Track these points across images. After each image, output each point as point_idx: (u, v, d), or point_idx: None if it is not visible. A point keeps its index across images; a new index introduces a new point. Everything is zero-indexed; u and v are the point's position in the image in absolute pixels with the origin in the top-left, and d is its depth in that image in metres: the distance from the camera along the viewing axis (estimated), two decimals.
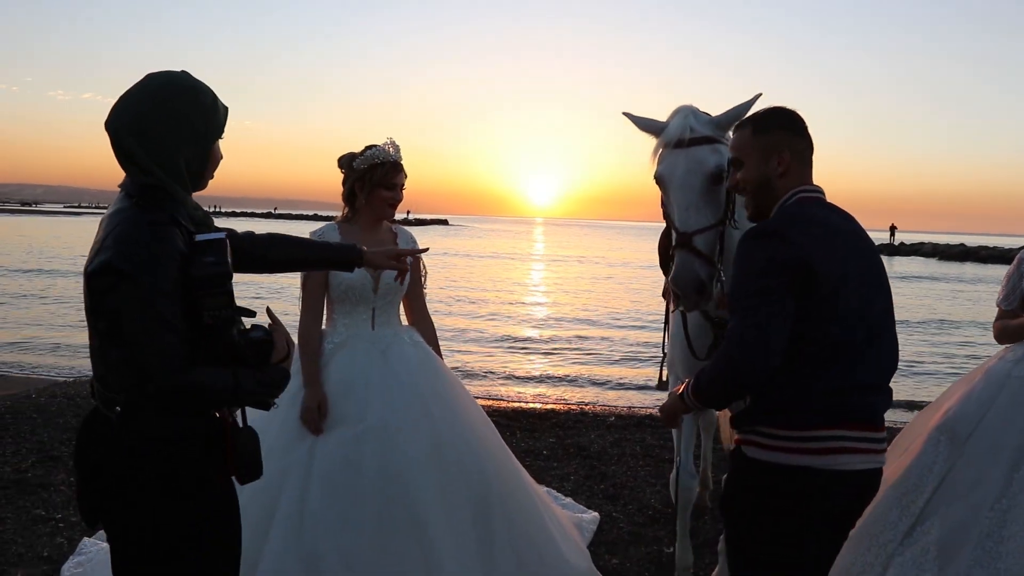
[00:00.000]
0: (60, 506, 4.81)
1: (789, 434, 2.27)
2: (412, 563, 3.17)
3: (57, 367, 11.15)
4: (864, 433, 2.30)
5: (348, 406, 3.36)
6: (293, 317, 3.03)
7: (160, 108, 2.01)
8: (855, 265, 2.29)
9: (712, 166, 2.90)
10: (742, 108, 2.96)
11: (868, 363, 2.31)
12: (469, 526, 3.32)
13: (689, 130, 2.93)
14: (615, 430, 7.12)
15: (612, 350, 14.45)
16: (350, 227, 3.58)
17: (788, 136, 2.43)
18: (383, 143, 3.55)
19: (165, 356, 1.87)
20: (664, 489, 5.53)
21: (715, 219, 2.92)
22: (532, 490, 3.83)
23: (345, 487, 3.21)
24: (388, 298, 3.59)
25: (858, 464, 2.29)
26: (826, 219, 2.35)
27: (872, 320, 2.30)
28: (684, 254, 2.84)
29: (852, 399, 2.28)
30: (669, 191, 2.97)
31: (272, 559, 3.09)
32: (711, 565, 4.11)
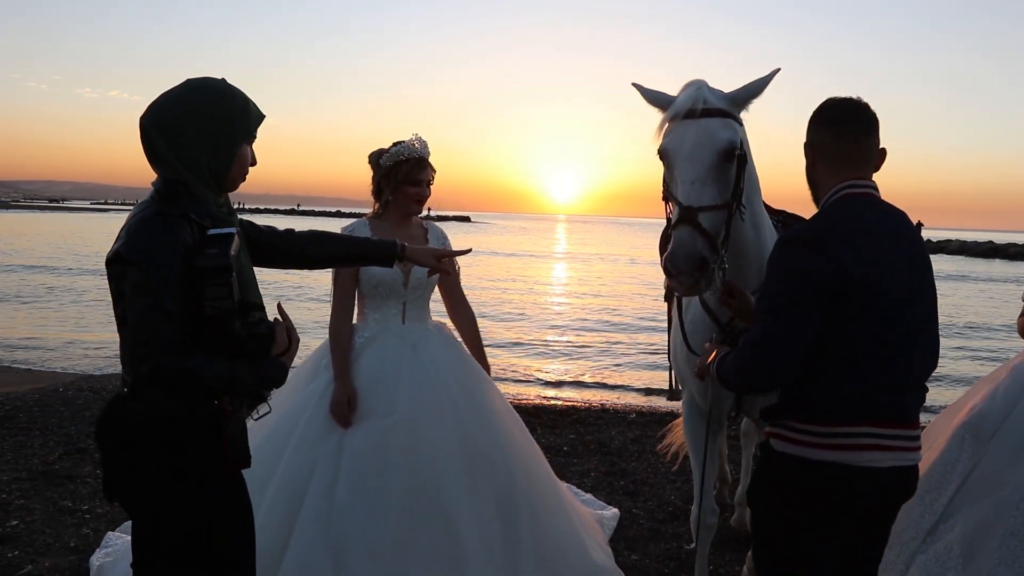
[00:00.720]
0: (87, 497, 4.88)
1: (818, 429, 2.25)
2: (438, 557, 3.18)
3: (81, 363, 11.29)
4: (894, 431, 2.26)
5: (377, 400, 3.38)
6: (317, 314, 3.05)
7: (187, 109, 2.14)
8: (893, 268, 2.23)
9: (724, 141, 2.67)
10: (759, 84, 2.81)
11: (902, 364, 2.26)
12: (495, 521, 3.33)
13: (702, 101, 2.72)
14: (636, 427, 7.11)
15: (634, 349, 14.41)
16: (380, 223, 3.60)
17: (819, 129, 2.38)
18: (409, 139, 3.56)
19: (158, 340, 1.96)
20: (685, 485, 5.52)
21: (722, 199, 2.67)
22: (558, 488, 3.82)
23: (373, 481, 3.23)
24: (418, 292, 3.60)
25: (887, 461, 2.25)
26: (866, 220, 2.27)
27: (910, 323, 2.25)
28: (686, 229, 2.57)
29: (882, 397, 2.24)
30: (675, 164, 2.71)
31: (299, 550, 3.11)
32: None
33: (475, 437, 3.43)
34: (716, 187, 2.65)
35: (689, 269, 2.53)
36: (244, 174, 2.27)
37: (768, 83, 2.80)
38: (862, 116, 2.36)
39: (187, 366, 1.99)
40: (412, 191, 3.55)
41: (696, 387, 3.37)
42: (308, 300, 18.24)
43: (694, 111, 2.70)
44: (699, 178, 2.63)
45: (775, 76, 2.80)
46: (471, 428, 3.44)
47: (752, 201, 2.91)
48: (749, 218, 2.89)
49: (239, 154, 2.22)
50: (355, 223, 3.63)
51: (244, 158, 2.24)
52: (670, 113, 2.78)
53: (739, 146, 2.70)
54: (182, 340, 1.99)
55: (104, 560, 3.86)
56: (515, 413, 3.80)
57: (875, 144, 2.38)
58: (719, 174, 2.66)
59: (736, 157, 2.70)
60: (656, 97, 2.91)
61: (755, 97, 2.82)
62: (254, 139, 2.28)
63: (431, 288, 3.68)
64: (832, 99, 2.39)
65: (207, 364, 2.01)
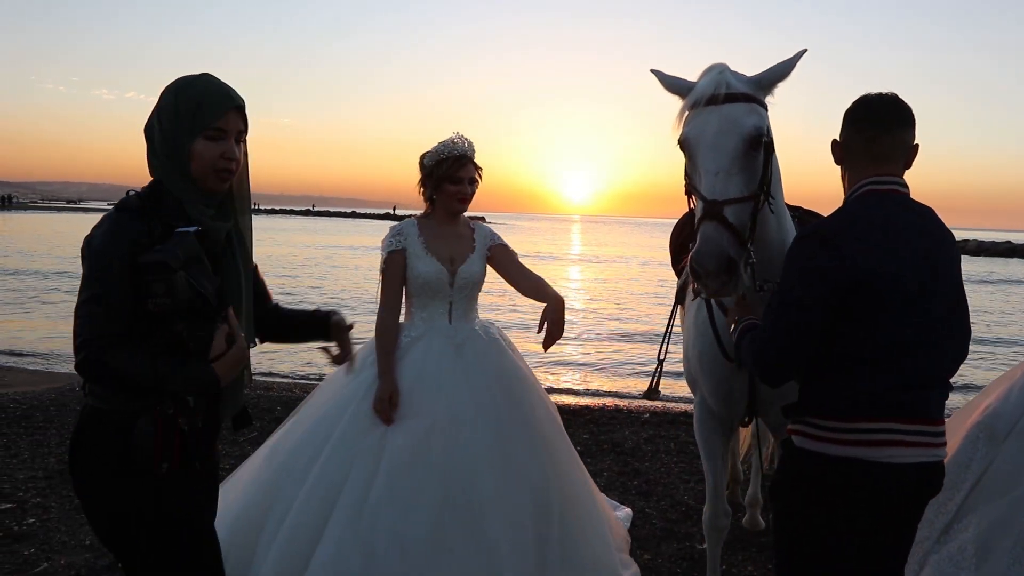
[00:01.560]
0: None
1: (838, 425, 2.24)
2: (469, 559, 3.14)
3: None
4: (916, 426, 2.24)
5: (419, 400, 3.37)
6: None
7: (155, 109, 2.17)
8: (910, 265, 2.20)
9: (750, 127, 2.50)
10: (785, 66, 2.66)
11: (923, 359, 2.24)
12: (528, 527, 3.28)
13: (725, 86, 2.56)
14: (649, 427, 7.10)
15: (650, 351, 14.39)
16: (427, 222, 3.60)
17: (845, 126, 2.38)
18: (450, 137, 3.54)
19: (89, 332, 1.99)
20: (698, 485, 5.50)
21: (749, 191, 2.50)
22: (594, 495, 3.79)
23: (408, 480, 3.20)
24: (465, 292, 3.58)
25: (909, 457, 2.23)
26: (884, 216, 2.24)
27: (931, 320, 2.23)
28: (712, 225, 2.39)
29: (904, 393, 2.22)
30: (697, 154, 2.54)
31: (330, 544, 3.09)
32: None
33: (512, 441, 3.39)
34: (742, 177, 2.49)
35: (716, 269, 2.37)
36: (217, 171, 2.15)
37: (794, 65, 2.66)
38: (887, 114, 2.32)
39: (109, 360, 1.98)
40: (452, 189, 3.52)
41: (708, 389, 3.30)
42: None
43: (716, 96, 2.54)
44: (724, 168, 2.47)
45: (801, 57, 2.67)
46: (508, 431, 3.40)
47: (777, 193, 2.77)
48: (775, 210, 2.75)
49: (195, 151, 2.12)
50: (404, 223, 3.62)
51: (203, 155, 2.12)
52: (691, 100, 2.62)
53: (766, 132, 2.55)
54: (123, 335, 2.00)
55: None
56: (556, 417, 3.71)
57: (901, 141, 2.33)
58: (745, 163, 2.50)
59: (763, 144, 2.54)
60: (675, 83, 2.76)
61: (781, 80, 2.67)
62: (223, 134, 2.15)
63: (478, 287, 3.66)
64: (862, 96, 2.37)
65: (129, 360, 1.99)
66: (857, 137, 2.34)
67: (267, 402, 7.75)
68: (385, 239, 3.59)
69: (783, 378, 2.34)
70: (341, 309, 2.78)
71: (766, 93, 2.66)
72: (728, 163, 2.47)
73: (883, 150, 2.31)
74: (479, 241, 3.67)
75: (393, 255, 3.54)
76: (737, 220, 2.43)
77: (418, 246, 3.53)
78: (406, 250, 3.54)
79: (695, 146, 2.55)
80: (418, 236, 3.55)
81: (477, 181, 3.61)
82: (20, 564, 3.97)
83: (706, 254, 2.36)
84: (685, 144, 2.60)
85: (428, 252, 3.53)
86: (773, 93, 2.68)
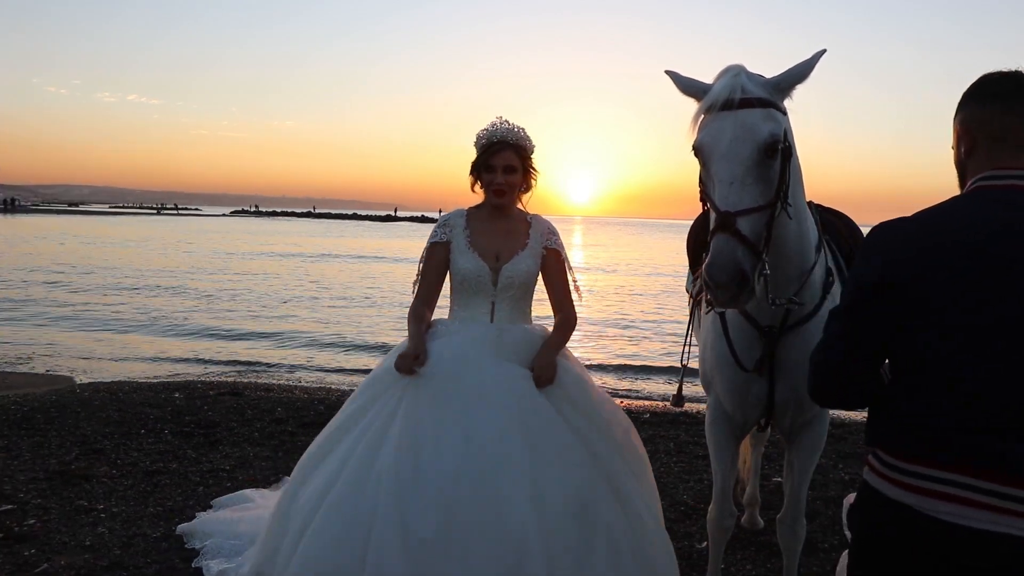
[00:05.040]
0: (102, 497, 4.93)
1: (897, 464, 1.86)
2: (493, 563, 2.80)
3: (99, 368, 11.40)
4: (992, 485, 1.72)
5: (447, 368, 3.10)
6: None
7: None
8: (976, 277, 1.78)
9: (766, 134, 2.42)
10: (804, 67, 2.57)
11: (996, 400, 1.75)
12: (563, 532, 2.92)
13: (740, 90, 2.46)
14: (649, 426, 7.09)
15: (650, 349, 14.39)
16: (477, 214, 3.40)
17: (977, 105, 1.95)
18: (491, 121, 3.34)
19: None
20: (696, 485, 5.51)
21: (765, 200, 2.42)
22: (658, 519, 3.33)
23: (430, 480, 2.91)
24: (510, 292, 3.32)
25: (976, 523, 1.72)
26: (970, 216, 1.84)
27: (1005, 348, 1.75)
28: (724, 237, 2.32)
29: (973, 437, 1.76)
30: (711, 162, 2.46)
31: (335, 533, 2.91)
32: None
33: (543, 432, 3.05)
34: (758, 187, 2.41)
35: (728, 282, 2.30)
36: None
37: (814, 66, 2.57)
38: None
39: None
40: (486, 178, 3.30)
41: (723, 391, 3.23)
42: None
43: (732, 101, 2.45)
44: (738, 178, 2.39)
45: (821, 58, 2.58)
46: (539, 420, 3.06)
47: (796, 197, 2.67)
48: (794, 215, 2.65)
49: None
50: (453, 213, 3.42)
51: None
52: (705, 104, 2.53)
53: (783, 138, 2.46)
54: None
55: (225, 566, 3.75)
56: (606, 420, 3.28)
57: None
58: (761, 172, 2.43)
59: (780, 151, 2.46)
60: (691, 85, 2.68)
61: (800, 82, 2.58)
62: None
63: (528, 289, 3.39)
64: (991, 72, 1.96)
65: None
66: (1001, 118, 1.90)
67: (267, 403, 7.76)
68: (434, 228, 3.41)
69: (830, 391, 2.05)
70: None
71: (784, 96, 2.58)
72: (742, 172, 2.40)
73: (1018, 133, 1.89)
74: (533, 238, 3.40)
75: (435, 247, 3.36)
76: (751, 231, 2.36)
77: (462, 239, 3.33)
78: (451, 243, 3.34)
79: (709, 154, 2.47)
80: (464, 228, 3.35)
81: (517, 170, 3.30)
82: (20, 565, 3.98)
83: (718, 267, 2.31)
84: (699, 151, 2.52)
85: (471, 247, 3.32)
86: (791, 96, 2.61)
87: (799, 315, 2.95)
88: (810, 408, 3.19)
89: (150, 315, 16.55)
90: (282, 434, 6.62)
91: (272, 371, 11.26)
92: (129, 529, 4.46)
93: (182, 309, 17.78)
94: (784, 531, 3.49)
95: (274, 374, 10.98)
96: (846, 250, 3.39)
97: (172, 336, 14.08)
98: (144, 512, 4.71)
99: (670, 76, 2.75)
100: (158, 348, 12.85)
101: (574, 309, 3.50)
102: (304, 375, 11.01)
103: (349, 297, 21.80)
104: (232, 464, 5.73)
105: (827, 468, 5.89)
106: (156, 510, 4.75)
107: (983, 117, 1.93)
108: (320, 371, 11.52)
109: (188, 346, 13.07)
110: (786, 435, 3.36)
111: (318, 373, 11.33)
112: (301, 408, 7.60)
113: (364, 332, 15.52)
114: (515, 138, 3.30)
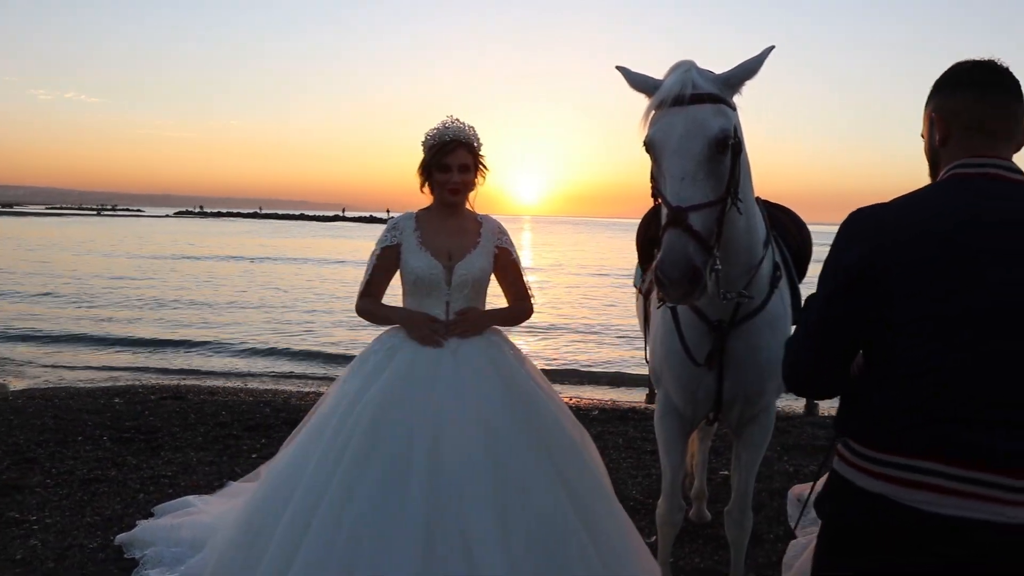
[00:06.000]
0: (35, 508, 4.74)
1: (869, 453, 1.87)
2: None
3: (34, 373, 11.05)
4: (959, 471, 1.74)
5: (406, 404, 3.03)
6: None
7: None
8: (960, 265, 1.77)
9: (716, 130, 2.44)
10: (754, 63, 2.60)
11: (977, 390, 1.76)
12: (527, 557, 2.86)
13: (691, 86, 2.48)
14: (598, 423, 7.11)
15: (600, 346, 14.46)
16: (426, 215, 3.38)
17: (951, 93, 1.95)
18: (441, 120, 3.32)
19: None
20: (645, 480, 5.53)
21: (716, 195, 2.44)
22: (628, 530, 3.31)
23: (389, 503, 2.86)
24: (464, 291, 3.32)
25: (952, 510, 1.73)
26: (949, 205, 1.83)
27: (986, 338, 1.75)
28: (676, 233, 2.32)
29: (946, 426, 1.77)
30: (663, 158, 2.46)
31: (306, 560, 2.81)
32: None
33: (511, 456, 3.00)
34: (708, 182, 2.43)
35: (680, 278, 2.30)
36: None
37: (763, 62, 2.60)
38: (1007, 80, 1.91)
39: None
40: (440, 178, 3.28)
41: (673, 387, 3.25)
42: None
43: (683, 97, 2.47)
44: (689, 173, 2.40)
45: (769, 54, 2.61)
46: (505, 445, 3.01)
47: (745, 193, 2.71)
48: (743, 210, 2.68)
49: None
50: (401, 216, 3.40)
51: None
52: (656, 100, 2.55)
53: (733, 134, 2.50)
54: None
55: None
56: (563, 426, 3.29)
57: (1021, 116, 1.92)
58: (711, 167, 2.44)
59: (730, 147, 2.48)
60: (641, 81, 2.69)
61: (749, 78, 2.61)
62: None
63: (481, 286, 3.39)
64: (964, 60, 1.96)
65: None
66: (976, 105, 1.91)
67: (211, 407, 7.59)
68: (383, 232, 3.39)
69: (800, 379, 2.05)
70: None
71: (734, 92, 2.60)
72: (694, 168, 2.41)
73: (1006, 124, 1.90)
74: (485, 236, 3.41)
75: (385, 251, 3.34)
76: (703, 226, 2.37)
77: (413, 240, 3.31)
78: (401, 245, 3.32)
79: (660, 150, 2.48)
80: (414, 230, 3.33)
81: (471, 169, 3.31)
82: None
83: (670, 264, 2.30)
84: (650, 147, 2.54)
85: (423, 246, 3.30)
86: (741, 92, 2.63)
87: (748, 309, 2.98)
88: (757, 401, 3.22)
89: (94, 321, 16.10)
90: (227, 438, 6.46)
91: (217, 375, 11.04)
92: (64, 540, 4.30)
93: (125, 313, 17.35)
94: (732, 523, 3.52)
95: (219, 377, 10.76)
96: (793, 245, 3.44)
97: (113, 342, 13.70)
98: (80, 522, 4.56)
99: (621, 72, 2.76)
100: (99, 354, 12.52)
101: (531, 303, 3.56)
102: (250, 378, 10.81)
103: (296, 299, 21.53)
104: (174, 470, 5.58)
105: (772, 461, 5.96)
106: (93, 520, 4.60)
107: (956, 106, 1.93)
108: (266, 374, 11.34)
109: (129, 353, 12.74)
110: (734, 429, 3.39)
111: (264, 376, 11.15)
112: (247, 411, 7.45)
113: (310, 334, 15.33)
114: (467, 137, 3.31)
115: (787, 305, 3.19)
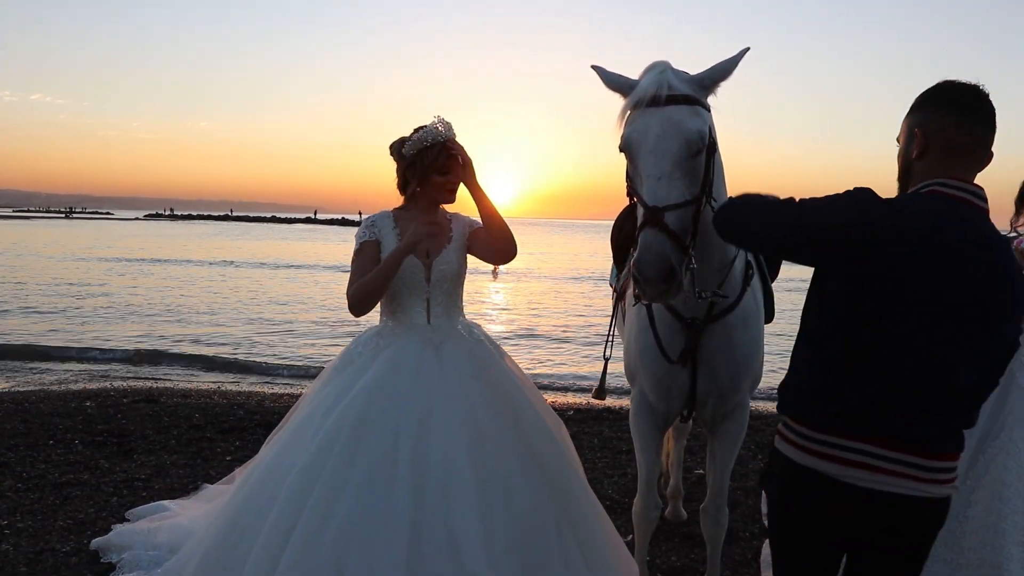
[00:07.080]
0: (6, 512, 4.68)
1: (809, 433, 2.09)
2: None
3: None
4: (899, 455, 2.01)
5: (390, 401, 3.06)
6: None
7: None
8: (927, 272, 1.93)
9: (692, 130, 2.48)
10: (728, 64, 2.62)
11: (921, 383, 1.98)
12: (510, 554, 2.90)
13: (667, 86, 2.51)
14: (573, 423, 7.14)
15: (574, 346, 14.49)
16: (405, 214, 3.36)
17: (936, 112, 2.06)
18: (431, 122, 3.30)
19: None
20: (621, 479, 5.57)
21: (691, 195, 2.49)
22: (597, 518, 3.37)
23: (377, 502, 2.89)
24: (444, 287, 3.35)
25: (883, 485, 2.02)
26: (931, 219, 1.97)
27: (937, 339, 1.95)
28: (652, 232, 2.38)
29: (890, 416, 2.01)
30: (638, 158, 2.50)
31: (291, 559, 2.81)
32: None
33: (494, 456, 3.04)
34: (684, 182, 2.47)
35: (656, 277, 2.36)
36: None
37: (737, 63, 2.63)
38: (987, 108, 2.05)
39: None
40: (440, 180, 3.29)
41: (648, 385, 3.28)
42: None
43: (659, 98, 2.50)
44: (665, 173, 2.45)
45: (745, 55, 2.64)
46: (491, 447, 3.05)
47: (719, 192, 2.75)
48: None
49: None
50: (378, 216, 3.38)
51: None
52: (632, 100, 2.58)
53: (708, 134, 2.54)
54: None
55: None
56: (546, 424, 3.35)
57: (991, 144, 2.08)
58: (687, 168, 2.49)
59: (705, 147, 2.53)
60: (617, 81, 2.70)
61: (724, 79, 2.64)
62: None
63: (458, 282, 3.43)
64: (953, 81, 2.08)
65: None
66: (958, 129, 2.04)
67: (185, 410, 7.52)
68: (358, 230, 3.38)
69: (733, 236, 2.35)
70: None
71: (708, 93, 2.63)
72: (670, 168, 2.45)
73: (979, 152, 2.05)
74: (456, 232, 3.44)
75: (365, 245, 3.32)
76: (678, 225, 2.42)
77: (392, 238, 3.31)
78: (380, 242, 3.32)
79: (637, 150, 2.52)
80: (393, 228, 3.33)
81: (459, 164, 3.33)
82: None
83: (647, 263, 2.35)
84: (626, 147, 2.57)
85: None
86: (716, 92, 2.65)
87: (722, 307, 3.03)
88: (731, 398, 3.26)
89: (73, 325, 15.89)
90: (200, 441, 6.42)
91: (189, 377, 10.93)
92: (36, 545, 4.26)
93: (97, 319, 17.13)
94: (707, 521, 3.55)
95: (192, 380, 10.66)
96: None
97: (88, 346, 13.51)
98: (53, 526, 4.51)
99: (596, 71, 2.77)
100: (73, 358, 12.34)
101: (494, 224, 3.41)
102: (224, 381, 10.72)
103: (271, 300, 21.37)
104: (148, 473, 5.53)
105: (746, 459, 6.02)
106: (66, 524, 4.55)
107: (936, 126, 2.06)
108: (240, 376, 11.25)
109: (103, 363, 12.57)
110: (708, 426, 3.43)
111: (237, 378, 11.06)
112: (220, 414, 7.39)
113: (288, 336, 15.23)
114: (455, 136, 3.33)
115: (759, 303, 3.25)
